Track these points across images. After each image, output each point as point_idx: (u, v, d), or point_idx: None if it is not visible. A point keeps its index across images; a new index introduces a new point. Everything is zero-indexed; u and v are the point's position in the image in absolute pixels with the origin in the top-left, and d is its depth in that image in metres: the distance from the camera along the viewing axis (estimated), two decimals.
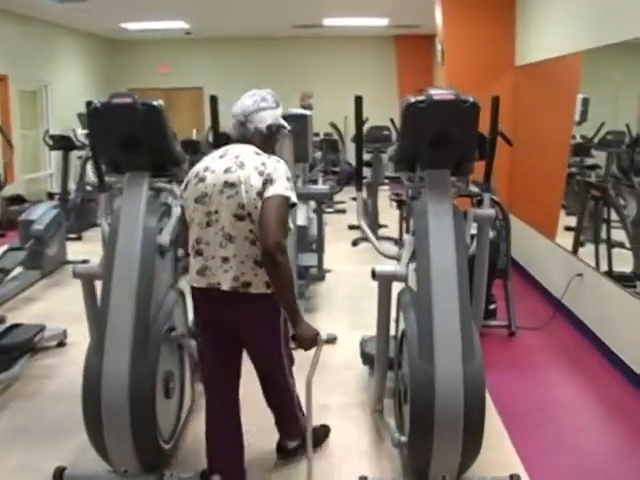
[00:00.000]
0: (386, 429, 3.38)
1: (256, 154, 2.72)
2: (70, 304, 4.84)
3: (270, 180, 2.61)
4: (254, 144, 2.77)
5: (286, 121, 2.89)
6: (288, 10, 10.43)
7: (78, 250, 7.29)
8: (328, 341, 4.72)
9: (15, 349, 4.33)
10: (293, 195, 2.66)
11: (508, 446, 3.43)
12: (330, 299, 5.93)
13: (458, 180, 3.41)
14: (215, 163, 2.73)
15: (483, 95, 3.15)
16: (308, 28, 12.15)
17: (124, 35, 12.99)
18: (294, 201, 2.66)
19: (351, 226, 8.60)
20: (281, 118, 2.83)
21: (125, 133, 3.11)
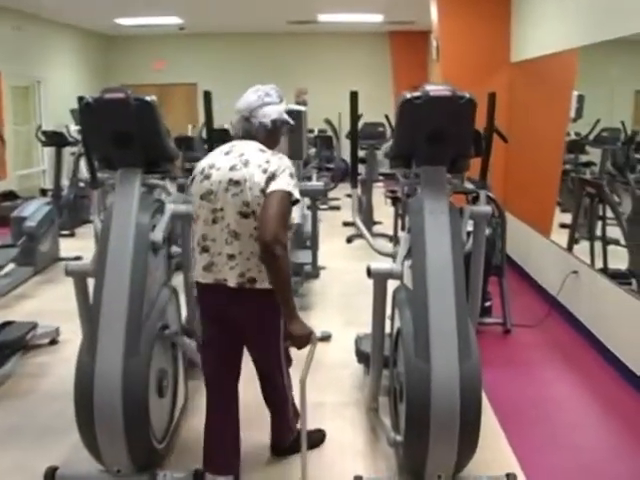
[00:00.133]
0: (381, 428, 3.36)
1: (260, 151, 2.73)
2: (63, 301, 4.80)
3: (273, 177, 2.63)
4: (258, 139, 2.79)
5: None
6: (283, 6, 10.39)
7: (71, 247, 7.26)
8: (322, 339, 4.70)
9: (7, 347, 4.30)
10: (296, 191, 2.67)
11: (504, 445, 3.42)
12: (324, 296, 5.90)
13: (454, 177, 3.39)
14: (221, 160, 2.74)
15: (478, 91, 3.12)
16: (303, 24, 12.10)
17: (118, 31, 12.91)
18: (297, 197, 2.67)
19: (345, 223, 8.58)
20: (285, 113, 2.84)
21: (117, 129, 3.07)
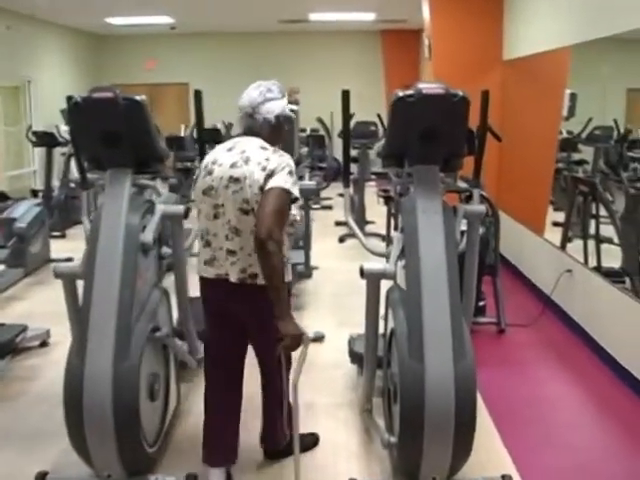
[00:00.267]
0: (375, 430, 3.33)
1: (262, 149, 2.75)
2: (53, 303, 4.74)
3: (272, 174, 2.65)
4: (262, 135, 2.81)
5: None
6: (274, 5, 10.34)
7: (62, 248, 7.21)
8: (315, 339, 4.67)
9: None
10: (295, 189, 2.69)
11: (499, 446, 3.40)
12: (317, 296, 5.87)
13: (447, 176, 3.36)
14: (223, 156, 2.78)
15: (471, 90, 3.10)
16: (294, 23, 12.06)
17: (109, 30, 12.84)
18: (296, 195, 2.70)
19: (338, 222, 8.54)
20: (287, 108, 2.86)
21: (106, 128, 3.03)
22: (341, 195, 6.53)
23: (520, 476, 3.11)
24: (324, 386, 4.06)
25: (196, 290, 4.49)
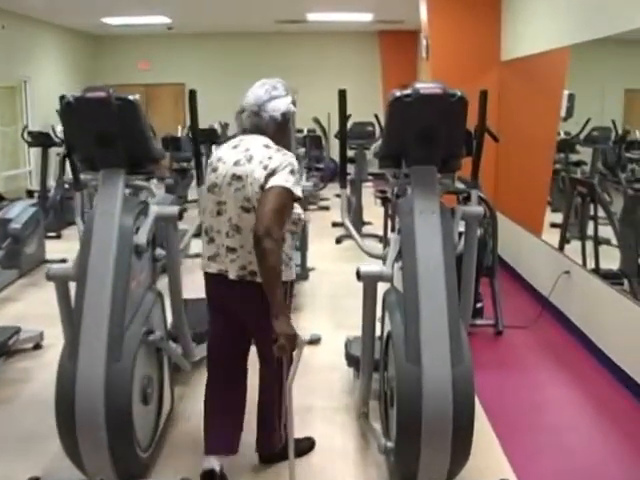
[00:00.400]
0: (372, 434, 3.28)
1: (265, 147, 2.75)
2: (48, 305, 4.69)
3: (273, 173, 2.65)
4: (268, 133, 2.82)
5: None
6: (271, 5, 10.31)
7: (57, 248, 7.15)
8: (312, 342, 4.63)
9: None
10: (296, 189, 2.68)
11: (497, 450, 3.35)
12: (314, 298, 5.83)
13: (445, 177, 3.31)
14: (228, 154, 2.80)
15: (468, 90, 3.05)
16: (292, 23, 12.03)
17: (105, 30, 12.80)
18: (298, 195, 2.69)
19: (335, 223, 8.50)
20: (292, 105, 2.88)
21: (99, 129, 2.98)
22: (338, 196, 6.51)
23: None
24: (320, 389, 4.02)
25: (191, 292, 4.48)
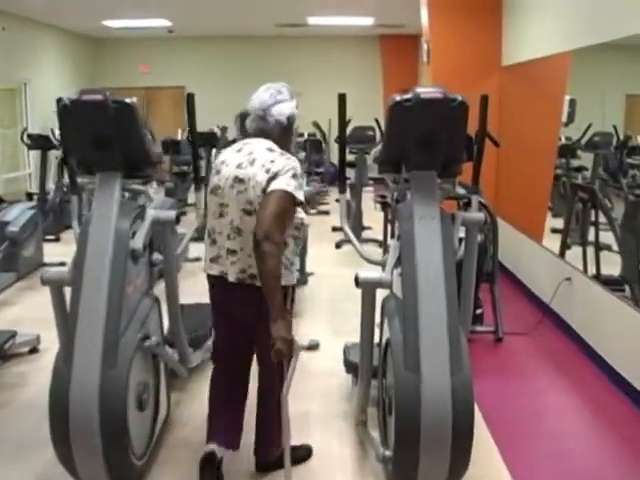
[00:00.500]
0: (370, 442, 3.24)
1: (269, 151, 2.77)
2: (45, 308, 4.65)
3: (275, 177, 2.67)
4: (273, 137, 2.84)
5: None
6: (272, 8, 10.29)
7: (56, 252, 7.11)
8: (311, 347, 4.60)
9: None
10: (298, 193, 2.69)
11: (497, 458, 3.31)
12: (313, 303, 5.79)
13: (445, 182, 3.28)
14: (232, 157, 2.82)
15: (469, 95, 3.03)
16: (292, 27, 12.01)
17: (106, 33, 12.79)
18: (300, 199, 2.70)
19: (334, 228, 8.47)
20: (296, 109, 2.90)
21: (95, 132, 2.96)
22: (338, 200, 6.47)
23: None
24: (318, 395, 3.99)
25: (190, 296, 4.45)
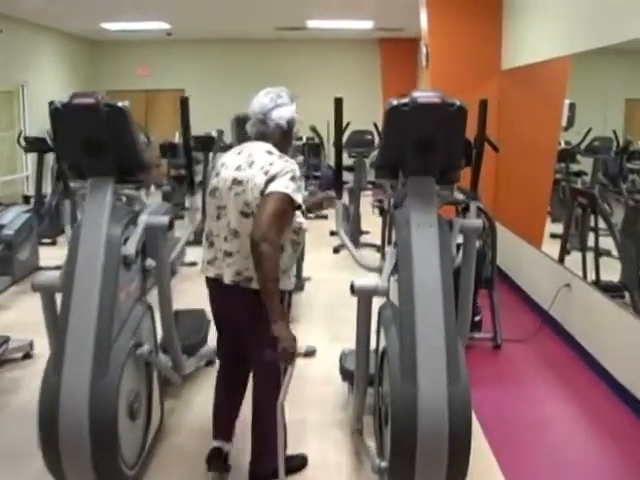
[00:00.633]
0: (365, 453, 3.19)
1: (267, 153, 2.78)
2: (39, 313, 4.58)
3: (273, 179, 2.67)
4: (273, 140, 2.85)
5: None
6: (271, 11, 10.24)
7: (52, 255, 7.04)
8: (307, 354, 4.54)
9: None
10: (297, 196, 2.68)
11: (495, 471, 3.26)
12: (310, 309, 5.74)
13: (443, 188, 3.22)
14: (231, 159, 2.85)
15: (468, 99, 2.98)
16: (292, 30, 11.97)
17: (104, 35, 12.73)
18: (298, 202, 2.69)
19: (333, 232, 8.40)
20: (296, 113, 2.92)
21: (87, 136, 2.91)
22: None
23: None
24: (314, 403, 3.94)
25: (183, 301, 4.40)
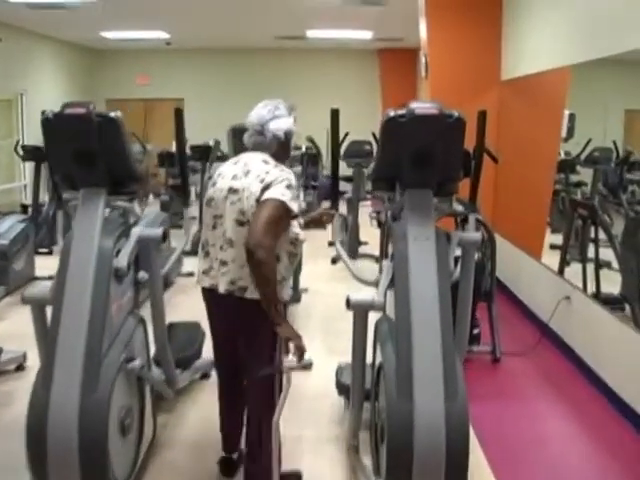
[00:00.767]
0: (361, 470, 3.13)
1: (264, 162, 2.80)
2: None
3: (268, 187, 2.68)
4: (271, 151, 2.87)
5: None
6: (271, 21, 10.25)
7: (48, 265, 6.97)
8: (303, 367, 4.46)
9: None
10: (292, 204, 2.68)
11: None
12: (307, 320, 5.69)
13: (441, 201, 3.16)
14: (228, 169, 2.86)
15: (468, 110, 2.95)
16: (291, 40, 11.97)
17: (104, 44, 12.74)
18: (294, 211, 2.69)
19: (331, 243, 8.35)
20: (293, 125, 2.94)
21: (79, 146, 2.87)
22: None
23: None
24: (310, 418, 3.88)
25: (179, 313, 4.34)
